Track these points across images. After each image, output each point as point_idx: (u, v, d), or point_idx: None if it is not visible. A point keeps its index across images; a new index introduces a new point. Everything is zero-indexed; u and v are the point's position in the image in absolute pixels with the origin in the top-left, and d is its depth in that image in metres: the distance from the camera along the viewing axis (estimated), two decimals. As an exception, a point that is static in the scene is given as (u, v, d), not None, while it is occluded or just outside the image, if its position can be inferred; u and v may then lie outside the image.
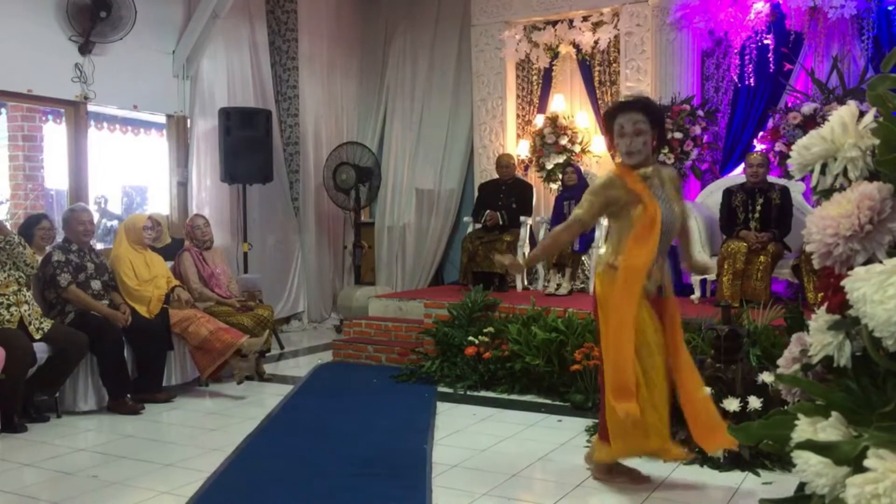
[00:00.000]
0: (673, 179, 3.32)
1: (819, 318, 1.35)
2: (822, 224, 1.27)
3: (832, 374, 1.34)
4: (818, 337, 1.34)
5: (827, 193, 1.34)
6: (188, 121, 7.15)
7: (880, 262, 1.18)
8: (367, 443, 4.17)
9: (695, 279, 6.18)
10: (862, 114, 1.36)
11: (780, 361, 1.49)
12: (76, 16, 6.03)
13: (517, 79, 8.01)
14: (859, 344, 1.26)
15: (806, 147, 1.37)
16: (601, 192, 3.28)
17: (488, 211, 6.98)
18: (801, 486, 1.30)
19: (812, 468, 1.21)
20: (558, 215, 6.96)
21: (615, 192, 3.23)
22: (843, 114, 1.35)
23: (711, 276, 6.02)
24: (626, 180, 3.21)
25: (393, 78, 8.69)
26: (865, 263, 1.21)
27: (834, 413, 1.22)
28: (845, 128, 1.33)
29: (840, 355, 1.29)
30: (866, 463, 1.10)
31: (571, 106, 7.73)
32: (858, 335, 1.25)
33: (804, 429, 1.24)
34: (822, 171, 1.37)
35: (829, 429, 1.21)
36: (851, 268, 1.22)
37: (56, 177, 7.38)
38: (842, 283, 1.21)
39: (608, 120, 3.30)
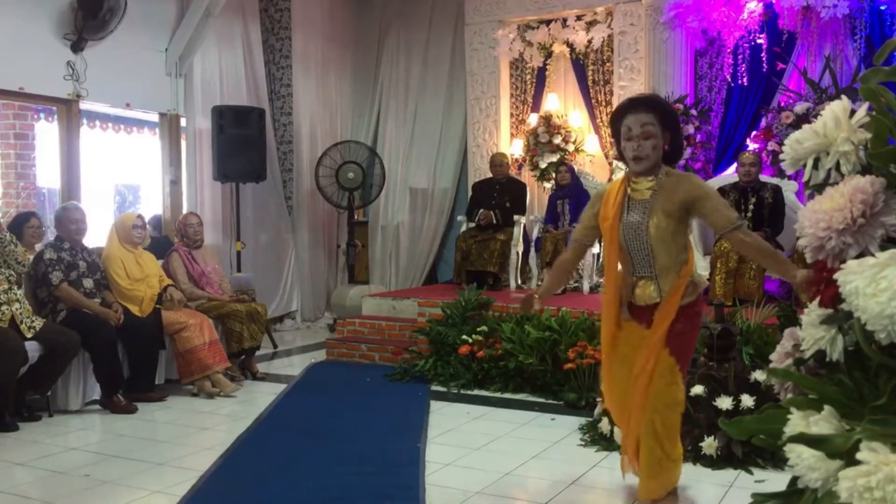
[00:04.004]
0: (680, 186, 2.82)
1: (811, 313, 1.35)
2: (814, 218, 1.27)
3: (825, 369, 1.34)
4: (811, 331, 1.34)
5: (819, 188, 1.34)
6: (181, 119, 7.13)
7: (872, 255, 1.18)
8: (360, 441, 4.17)
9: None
10: (853, 112, 1.36)
11: (772, 356, 1.49)
12: (74, 13, 6.02)
13: (511, 78, 8.01)
14: (851, 338, 1.26)
15: (799, 141, 1.37)
16: (587, 209, 3.09)
17: (482, 210, 6.98)
18: (794, 480, 1.30)
19: (805, 462, 1.21)
20: (552, 214, 6.98)
21: (597, 207, 3.01)
22: (835, 108, 1.35)
23: (704, 275, 6.04)
24: (609, 194, 2.96)
25: (387, 77, 8.68)
26: (858, 257, 1.21)
27: (826, 407, 1.22)
28: (838, 122, 1.33)
29: (832, 349, 1.29)
30: (859, 456, 1.10)
31: (565, 105, 7.74)
32: (851, 329, 1.25)
33: (797, 423, 1.24)
34: (815, 166, 1.37)
35: (822, 422, 1.21)
36: (844, 261, 1.22)
37: (48, 175, 7.35)
38: (834, 276, 1.21)
39: (615, 122, 2.91)
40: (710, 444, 3.66)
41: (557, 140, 7.43)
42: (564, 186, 6.90)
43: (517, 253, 6.84)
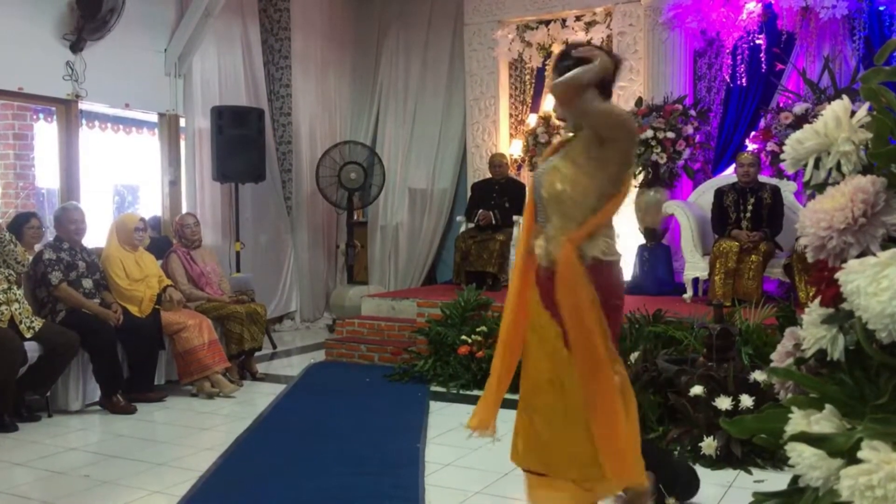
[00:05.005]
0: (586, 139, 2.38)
1: (812, 312, 1.35)
2: (815, 217, 1.27)
3: (825, 368, 1.34)
4: (811, 331, 1.34)
5: (820, 187, 1.34)
6: (180, 119, 7.13)
7: (874, 254, 1.19)
8: (359, 442, 4.16)
9: (687, 278, 6.20)
10: (854, 112, 1.36)
11: (773, 356, 1.49)
12: (73, 14, 6.02)
13: (510, 78, 8.01)
14: (852, 338, 1.27)
15: (800, 141, 1.37)
16: None
17: (481, 210, 6.98)
18: (795, 479, 1.31)
19: (806, 461, 1.21)
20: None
21: None
22: (836, 108, 1.35)
23: (703, 276, 6.04)
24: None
25: (386, 77, 8.68)
26: (859, 256, 1.21)
27: (828, 405, 1.22)
28: (839, 122, 1.33)
29: (833, 349, 1.29)
30: (860, 454, 1.11)
31: (564, 106, 7.73)
32: (852, 329, 1.25)
33: (798, 422, 1.24)
34: (816, 166, 1.37)
35: (823, 421, 1.21)
36: (845, 261, 1.22)
37: (47, 175, 7.35)
38: (836, 275, 1.21)
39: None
40: (709, 444, 3.67)
41: (556, 140, 7.43)
42: (563, 187, 6.90)
43: (512, 260, 6.84)
